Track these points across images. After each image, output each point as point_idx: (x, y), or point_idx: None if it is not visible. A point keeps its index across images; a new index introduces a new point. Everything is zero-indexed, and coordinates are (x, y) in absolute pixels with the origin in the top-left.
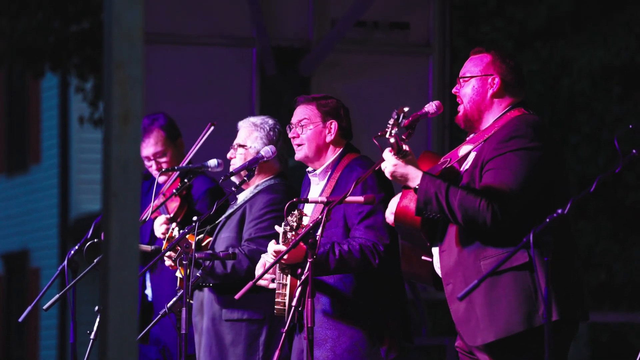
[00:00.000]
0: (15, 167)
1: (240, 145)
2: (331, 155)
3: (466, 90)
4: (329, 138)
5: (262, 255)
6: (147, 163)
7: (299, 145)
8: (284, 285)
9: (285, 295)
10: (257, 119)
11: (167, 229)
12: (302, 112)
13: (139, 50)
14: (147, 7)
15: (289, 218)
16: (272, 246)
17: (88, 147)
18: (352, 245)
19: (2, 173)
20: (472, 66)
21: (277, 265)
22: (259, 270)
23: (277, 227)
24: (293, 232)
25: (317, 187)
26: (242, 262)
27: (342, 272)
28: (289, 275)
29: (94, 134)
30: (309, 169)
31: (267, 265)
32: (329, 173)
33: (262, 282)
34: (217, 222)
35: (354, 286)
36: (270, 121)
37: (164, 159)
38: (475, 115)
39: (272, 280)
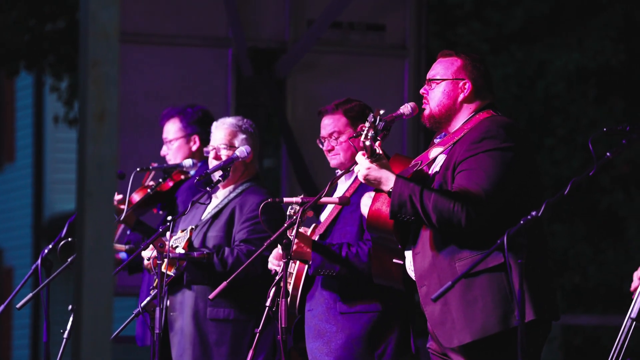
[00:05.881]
0: None
1: (228, 147)
2: None
3: (435, 93)
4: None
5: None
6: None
7: (334, 154)
8: (290, 274)
9: (290, 284)
10: (237, 120)
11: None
12: (331, 124)
13: (115, 49)
14: (123, 6)
15: (290, 211)
16: (274, 253)
17: (62, 147)
18: (362, 248)
19: None
20: (443, 69)
21: (286, 254)
22: (271, 261)
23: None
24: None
25: (343, 186)
26: (242, 262)
27: (349, 274)
28: (297, 264)
29: (69, 134)
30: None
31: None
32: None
33: (272, 267)
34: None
35: (358, 285)
36: (249, 121)
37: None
38: (444, 117)
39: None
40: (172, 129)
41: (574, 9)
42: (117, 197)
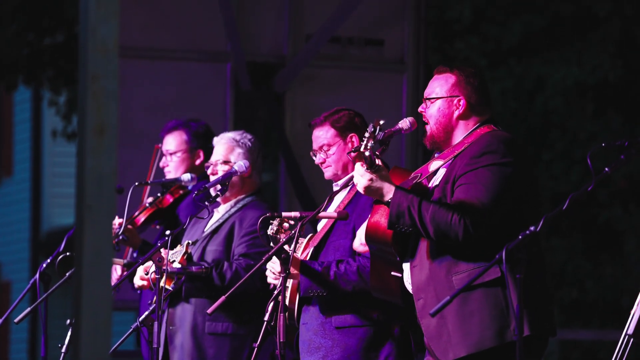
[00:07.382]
0: None
1: (224, 162)
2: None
3: (432, 111)
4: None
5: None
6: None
7: (327, 167)
8: (286, 288)
9: (286, 298)
10: (235, 135)
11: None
12: (320, 137)
13: (114, 63)
14: (122, 21)
15: (274, 228)
16: (276, 266)
17: (60, 161)
18: (350, 265)
19: None
20: (438, 87)
21: (284, 269)
22: (268, 274)
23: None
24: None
25: (339, 197)
26: (241, 276)
27: (338, 293)
28: (292, 280)
29: (67, 148)
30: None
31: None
32: (351, 183)
33: (272, 281)
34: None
35: (354, 300)
36: (249, 136)
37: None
38: (442, 136)
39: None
40: (175, 141)
41: (572, 23)
42: (119, 220)
